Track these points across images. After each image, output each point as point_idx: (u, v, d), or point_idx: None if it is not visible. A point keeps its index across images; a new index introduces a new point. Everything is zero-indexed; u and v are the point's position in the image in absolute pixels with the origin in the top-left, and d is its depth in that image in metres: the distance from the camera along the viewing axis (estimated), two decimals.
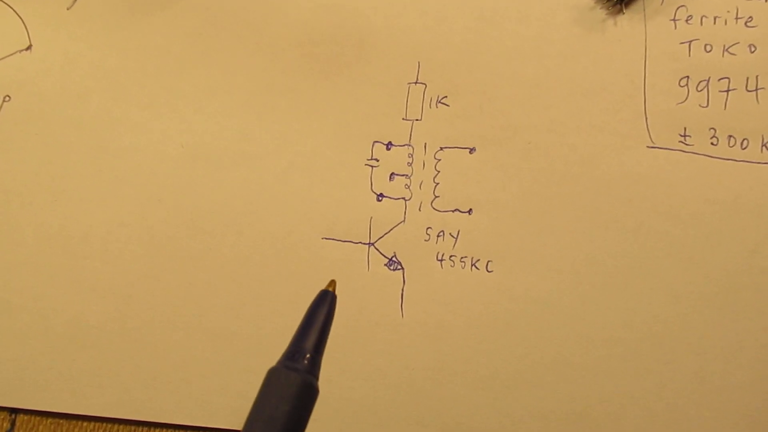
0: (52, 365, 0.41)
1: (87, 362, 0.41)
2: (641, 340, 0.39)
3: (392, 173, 0.42)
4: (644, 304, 0.40)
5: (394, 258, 0.41)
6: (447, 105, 0.43)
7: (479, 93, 0.43)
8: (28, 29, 0.45)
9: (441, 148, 0.42)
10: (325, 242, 0.42)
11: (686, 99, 0.41)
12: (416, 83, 0.43)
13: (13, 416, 0.41)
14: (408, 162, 0.42)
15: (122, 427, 0.41)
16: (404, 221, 0.42)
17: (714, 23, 0.42)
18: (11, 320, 0.42)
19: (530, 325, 0.40)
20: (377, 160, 0.42)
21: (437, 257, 0.41)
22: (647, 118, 0.41)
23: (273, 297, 0.41)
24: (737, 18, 0.42)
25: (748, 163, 0.40)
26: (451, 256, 0.41)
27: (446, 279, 0.41)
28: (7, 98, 0.45)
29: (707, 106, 0.41)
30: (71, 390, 0.41)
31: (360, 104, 0.43)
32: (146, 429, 0.41)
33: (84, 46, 0.45)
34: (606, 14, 0.43)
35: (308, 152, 0.43)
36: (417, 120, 0.43)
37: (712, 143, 0.41)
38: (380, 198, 0.42)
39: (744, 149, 0.41)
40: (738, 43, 0.42)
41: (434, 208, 0.42)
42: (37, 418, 0.41)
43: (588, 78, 0.42)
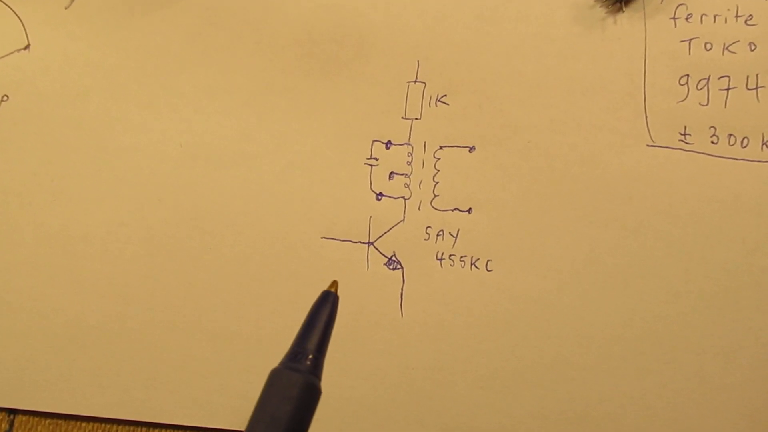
0: (52, 365, 0.41)
1: (86, 362, 0.41)
2: (641, 339, 0.39)
3: (392, 172, 0.42)
4: (644, 303, 0.40)
5: (394, 257, 0.41)
6: (446, 104, 0.43)
7: (479, 92, 0.42)
8: (27, 28, 0.45)
9: (440, 147, 0.42)
10: (325, 241, 0.42)
11: (686, 97, 0.41)
12: (416, 82, 0.43)
13: (12, 417, 0.41)
14: (407, 161, 0.42)
15: (122, 428, 0.41)
16: (404, 220, 0.42)
17: (714, 21, 0.42)
18: (10, 320, 0.42)
19: (530, 325, 0.40)
20: (377, 159, 0.42)
21: (437, 256, 0.41)
22: (647, 117, 0.41)
23: (273, 296, 0.41)
24: (737, 16, 0.42)
25: (748, 162, 0.40)
26: (451, 256, 0.41)
27: (446, 278, 0.41)
28: (6, 98, 0.44)
29: (707, 105, 0.41)
30: (70, 390, 0.41)
31: (359, 103, 0.43)
32: (146, 429, 0.41)
33: (83, 46, 0.45)
34: (606, 12, 0.43)
35: (308, 151, 0.43)
36: (416, 119, 0.43)
37: (712, 142, 0.41)
38: (380, 197, 0.42)
39: (744, 148, 0.41)
40: (738, 42, 0.41)
41: (434, 207, 0.42)
42: (36, 419, 0.41)
43: (588, 76, 0.42)
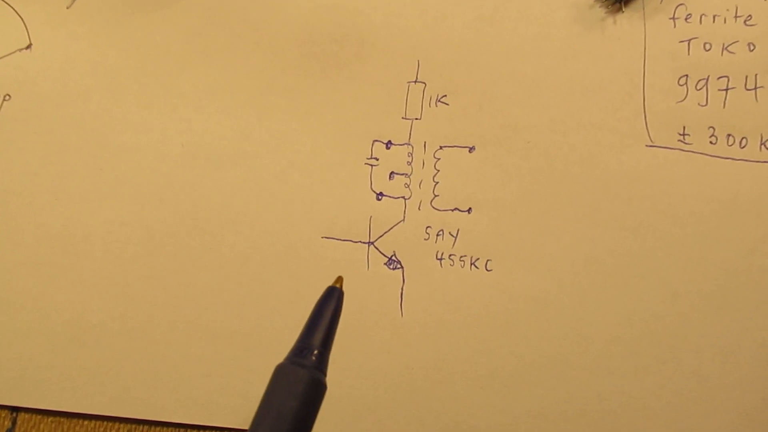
0: (53, 364, 0.41)
1: (88, 361, 0.41)
2: (640, 339, 0.39)
3: (392, 172, 0.42)
4: (643, 303, 0.40)
5: (394, 257, 0.41)
6: (446, 104, 0.43)
7: (479, 92, 0.43)
8: (28, 28, 0.45)
9: (440, 147, 0.42)
10: (325, 241, 0.42)
11: (685, 98, 0.41)
12: (416, 82, 0.43)
13: (15, 415, 0.41)
14: (407, 161, 0.42)
15: (123, 426, 0.41)
16: (404, 220, 0.42)
17: (713, 22, 0.42)
18: (12, 319, 0.42)
19: (529, 324, 0.40)
20: (377, 159, 0.42)
21: (437, 256, 0.41)
22: (646, 117, 0.41)
23: (273, 296, 0.41)
24: (736, 16, 0.42)
25: (747, 162, 0.40)
26: (451, 255, 0.41)
27: (446, 278, 0.41)
28: (7, 97, 0.45)
29: (706, 105, 0.41)
30: (72, 389, 0.41)
31: (359, 103, 0.43)
32: (147, 428, 0.41)
33: (84, 45, 0.45)
34: (605, 13, 0.43)
35: (308, 151, 0.43)
36: (416, 119, 0.43)
37: (711, 142, 0.41)
38: (380, 197, 0.42)
39: (743, 148, 0.41)
40: (737, 42, 0.42)
41: (434, 207, 0.42)
42: (38, 417, 0.41)
43: (587, 76, 0.42)
